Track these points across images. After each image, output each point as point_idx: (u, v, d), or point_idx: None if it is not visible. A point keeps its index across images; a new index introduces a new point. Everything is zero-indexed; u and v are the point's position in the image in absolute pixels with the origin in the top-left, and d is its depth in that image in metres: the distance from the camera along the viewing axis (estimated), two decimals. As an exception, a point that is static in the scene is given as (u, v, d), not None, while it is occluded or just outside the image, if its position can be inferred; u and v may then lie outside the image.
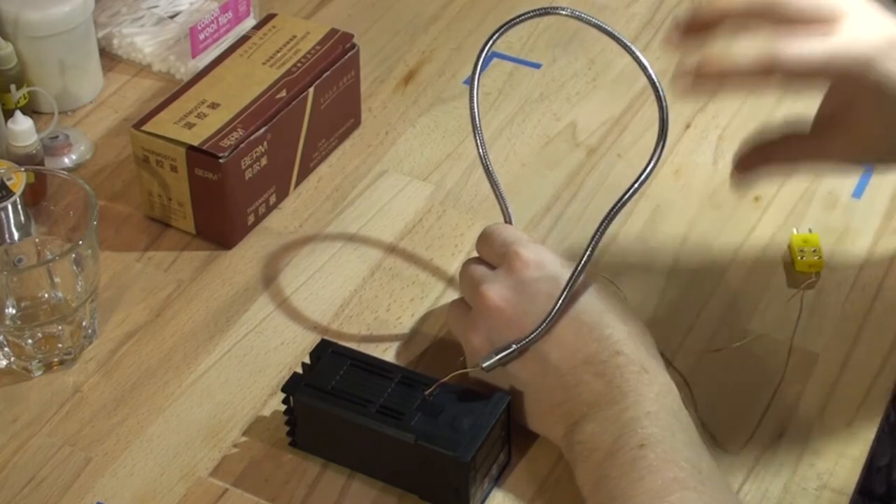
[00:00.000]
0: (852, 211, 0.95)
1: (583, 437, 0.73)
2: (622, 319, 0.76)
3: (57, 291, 0.86)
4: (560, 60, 1.10)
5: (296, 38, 0.99)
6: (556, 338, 0.76)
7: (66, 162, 1.00)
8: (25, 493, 0.78)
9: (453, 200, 0.97)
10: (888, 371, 0.84)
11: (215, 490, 0.78)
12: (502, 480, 0.78)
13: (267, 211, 0.96)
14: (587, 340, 0.75)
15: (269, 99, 0.94)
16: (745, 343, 0.85)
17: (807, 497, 0.77)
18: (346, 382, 0.77)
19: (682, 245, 0.94)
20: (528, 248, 0.79)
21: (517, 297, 0.77)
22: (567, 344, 0.75)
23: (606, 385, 0.74)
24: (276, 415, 0.81)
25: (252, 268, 0.92)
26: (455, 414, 0.75)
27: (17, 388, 0.84)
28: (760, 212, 0.96)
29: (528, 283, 0.77)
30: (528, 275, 0.78)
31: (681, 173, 0.99)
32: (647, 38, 1.12)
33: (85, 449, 0.80)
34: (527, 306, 0.77)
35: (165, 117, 0.92)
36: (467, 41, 1.13)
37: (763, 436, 0.80)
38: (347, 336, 0.87)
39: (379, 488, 0.78)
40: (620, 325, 0.76)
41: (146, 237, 0.95)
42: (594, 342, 0.75)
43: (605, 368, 0.74)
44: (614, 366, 0.74)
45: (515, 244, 0.79)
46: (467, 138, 1.02)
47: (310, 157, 0.99)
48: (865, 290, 0.90)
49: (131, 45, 1.10)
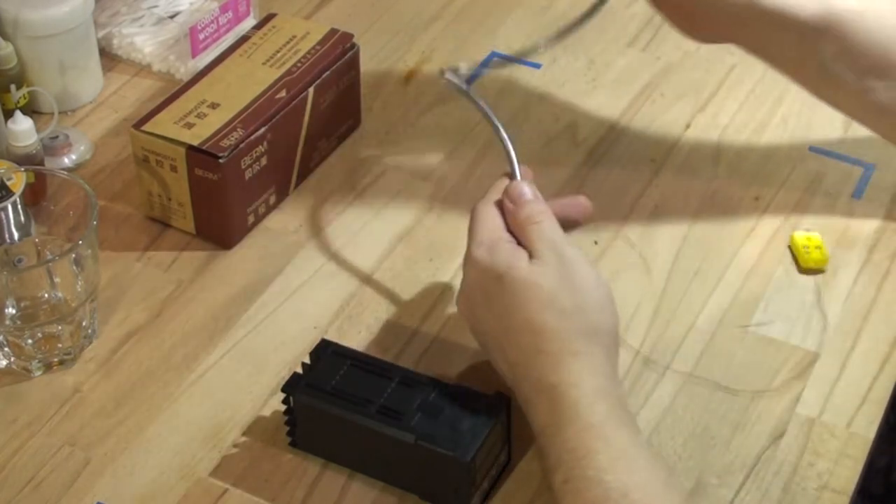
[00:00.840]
0: (852, 211, 0.95)
1: (541, 461, 0.74)
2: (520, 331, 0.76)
3: (57, 291, 0.86)
4: (560, 60, 1.10)
5: (296, 38, 0.99)
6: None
7: (66, 162, 1.00)
8: (25, 493, 0.78)
9: (453, 200, 0.97)
10: (888, 371, 0.84)
11: (215, 490, 0.78)
12: (502, 480, 0.78)
13: (267, 211, 0.96)
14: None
15: (269, 99, 0.94)
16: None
17: (807, 497, 0.77)
18: (346, 382, 0.77)
19: (683, 245, 0.94)
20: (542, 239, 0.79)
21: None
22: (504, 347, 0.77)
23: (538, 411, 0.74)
24: (276, 415, 0.81)
25: (252, 268, 0.92)
26: (455, 414, 0.75)
27: (17, 388, 0.84)
28: (760, 212, 0.96)
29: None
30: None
31: (681, 173, 0.99)
32: (647, 38, 1.12)
33: (85, 449, 0.80)
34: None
35: (165, 117, 0.92)
36: (467, 41, 1.13)
37: (763, 436, 0.80)
38: (347, 336, 0.87)
39: (379, 488, 0.78)
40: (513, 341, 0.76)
41: (146, 237, 0.94)
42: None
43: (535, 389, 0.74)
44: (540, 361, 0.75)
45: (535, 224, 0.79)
46: (467, 138, 1.02)
47: (310, 157, 0.99)
48: (865, 289, 0.90)
49: (131, 45, 1.10)
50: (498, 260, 0.77)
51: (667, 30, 1.13)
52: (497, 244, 0.78)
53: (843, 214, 0.95)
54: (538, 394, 0.74)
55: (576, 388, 0.73)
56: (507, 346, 0.76)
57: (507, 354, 0.76)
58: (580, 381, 0.73)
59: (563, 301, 0.75)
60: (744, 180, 0.98)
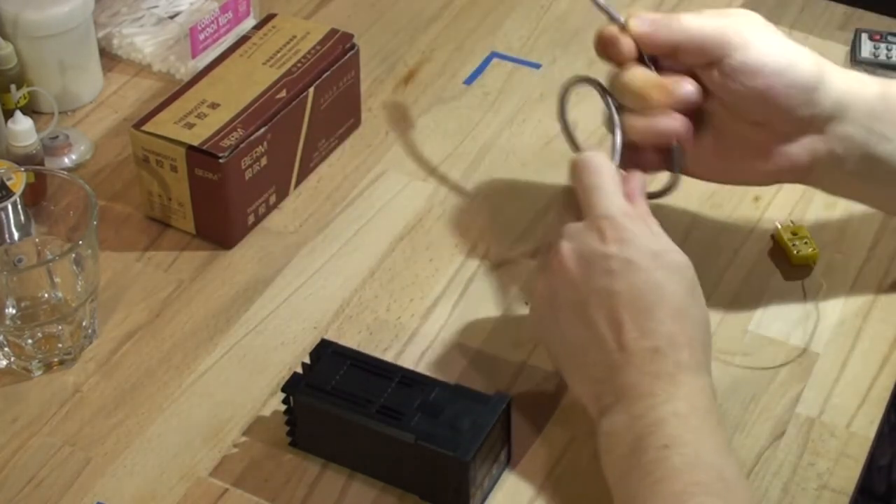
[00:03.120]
0: (852, 211, 0.95)
1: (609, 429, 0.73)
2: (674, 316, 0.75)
3: (57, 291, 0.86)
4: (560, 60, 1.10)
5: (296, 39, 0.99)
6: (609, 309, 0.75)
7: (66, 162, 1.00)
8: (25, 493, 0.78)
9: (453, 200, 0.97)
10: (888, 371, 0.84)
11: (215, 490, 0.78)
12: (502, 480, 0.78)
13: (267, 211, 0.96)
14: (630, 327, 0.74)
15: (269, 99, 0.94)
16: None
17: (807, 497, 0.77)
18: (346, 382, 0.77)
19: (683, 245, 0.93)
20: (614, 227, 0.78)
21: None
22: (615, 323, 0.75)
23: (638, 377, 0.73)
24: (276, 415, 0.81)
25: (252, 268, 0.92)
26: (455, 414, 0.75)
27: (17, 388, 0.84)
28: (760, 212, 0.96)
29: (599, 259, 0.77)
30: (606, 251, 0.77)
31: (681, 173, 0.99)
32: (647, 38, 1.12)
33: (85, 449, 0.80)
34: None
35: (165, 117, 0.92)
36: (467, 41, 1.13)
37: (763, 436, 0.80)
38: (347, 336, 0.87)
39: (379, 488, 0.78)
40: (669, 321, 0.74)
41: (146, 237, 0.95)
42: (636, 330, 0.74)
43: (640, 360, 0.73)
44: (649, 360, 0.73)
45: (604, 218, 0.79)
46: (467, 138, 1.02)
47: (310, 157, 0.99)
48: (865, 290, 0.90)
49: (131, 45, 1.10)
50: (655, 233, 0.78)
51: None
52: (643, 215, 0.79)
53: (843, 214, 0.95)
54: (662, 359, 0.73)
55: (704, 376, 0.74)
56: (635, 313, 0.75)
57: (623, 316, 0.74)
58: (707, 371, 0.75)
59: (700, 298, 0.77)
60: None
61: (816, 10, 1.15)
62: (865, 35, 1.09)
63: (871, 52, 1.08)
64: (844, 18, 1.13)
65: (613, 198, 0.79)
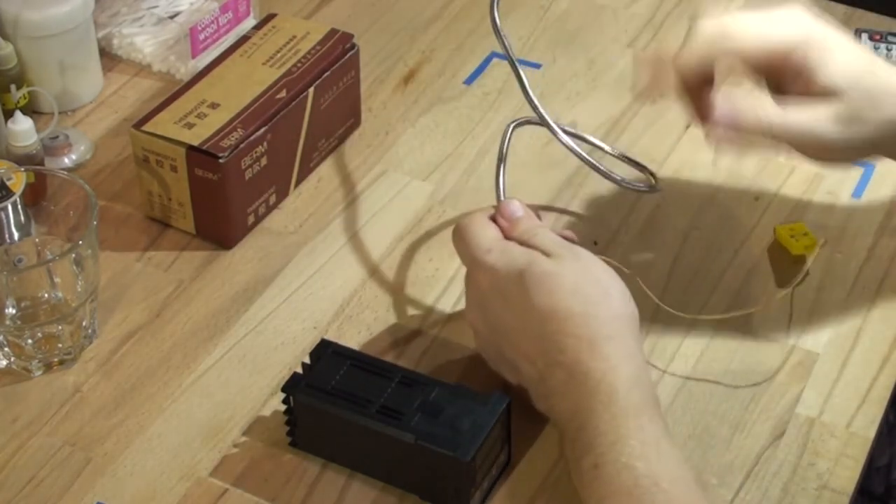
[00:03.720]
0: (852, 211, 0.95)
1: (565, 448, 0.74)
2: (562, 324, 0.75)
3: (57, 291, 0.86)
4: (560, 60, 1.10)
5: (296, 39, 0.99)
6: (514, 347, 0.77)
7: (66, 162, 1.00)
8: (25, 493, 0.78)
9: (453, 200, 0.97)
10: (888, 371, 0.84)
11: (215, 490, 0.78)
12: (502, 480, 0.78)
13: (267, 211, 0.96)
14: (536, 360, 0.75)
15: (269, 99, 0.94)
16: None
17: (807, 497, 0.77)
18: (346, 382, 0.77)
19: (682, 245, 0.94)
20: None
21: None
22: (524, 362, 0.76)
23: (562, 398, 0.74)
24: (276, 415, 0.81)
25: (252, 268, 0.92)
26: (455, 414, 0.75)
27: (17, 388, 0.84)
28: (760, 212, 0.96)
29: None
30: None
31: (681, 173, 0.99)
32: (647, 38, 1.12)
33: (85, 449, 0.80)
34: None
35: (165, 117, 0.92)
36: (467, 41, 1.13)
37: (763, 436, 0.80)
38: (347, 336, 0.87)
39: (379, 488, 0.78)
40: (564, 335, 0.74)
41: (146, 237, 0.95)
42: (541, 361, 0.75)
43: (567, 377, 0.74)
44: (563, 382, 0.74)
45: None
46: (467, 138, 1.03)
47: (310, 157, 0.99)
48: (865, 289, 0.90)
49: (131, 45, 1.10)
50: (515, 258, 0.77)
51: (667, 30, 1.14)
52: (507, 246, 0.79)
53: (843, 214, 0.95)
54: (570, 378, 0.73)
55: (612, 373, 0.72)
56: (531, 338, 0.75)
57: (530, 348, 0.75)
58: (617, 366, 0.73)
59: (587, 289, 0.76)
60: (744, 180, 0.98)
61: (816, 11, 1.15)
62: (865, 35, 1.09)
63: (871, 53, 1.07)
64: (844, 18, 1.13)
65: (480, 241, 0.80)
